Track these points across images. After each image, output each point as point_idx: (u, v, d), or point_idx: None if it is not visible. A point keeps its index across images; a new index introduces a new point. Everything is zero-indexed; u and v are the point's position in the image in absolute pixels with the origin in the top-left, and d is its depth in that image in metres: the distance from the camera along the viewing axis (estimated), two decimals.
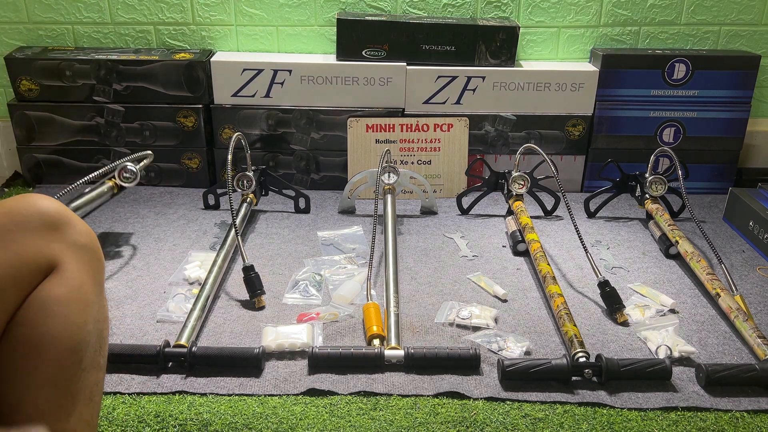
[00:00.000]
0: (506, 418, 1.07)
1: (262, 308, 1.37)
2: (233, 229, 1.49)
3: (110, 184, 1.59)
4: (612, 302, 1.35)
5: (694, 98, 1.95)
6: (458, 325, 1.31)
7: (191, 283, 1.45)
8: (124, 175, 1.57)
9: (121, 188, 1.61)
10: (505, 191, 1.79)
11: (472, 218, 1.83)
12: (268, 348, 1.20)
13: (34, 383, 0.70)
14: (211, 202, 1.85)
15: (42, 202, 0.75)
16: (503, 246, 1.67)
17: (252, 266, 1.38)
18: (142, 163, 1.61)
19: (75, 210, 1.46)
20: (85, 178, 1.51)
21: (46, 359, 0.71)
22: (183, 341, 1.18)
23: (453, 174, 1.96)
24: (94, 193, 1.54)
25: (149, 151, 1.64)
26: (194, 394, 1.11)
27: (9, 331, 0.70)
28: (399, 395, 1.12)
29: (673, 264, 1.58)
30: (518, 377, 1.15)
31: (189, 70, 1.87)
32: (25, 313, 0.70)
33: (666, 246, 1.61)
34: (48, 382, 0.71)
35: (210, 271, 1.40)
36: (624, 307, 1.35)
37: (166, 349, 1.16)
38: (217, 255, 1.46)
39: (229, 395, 1.11)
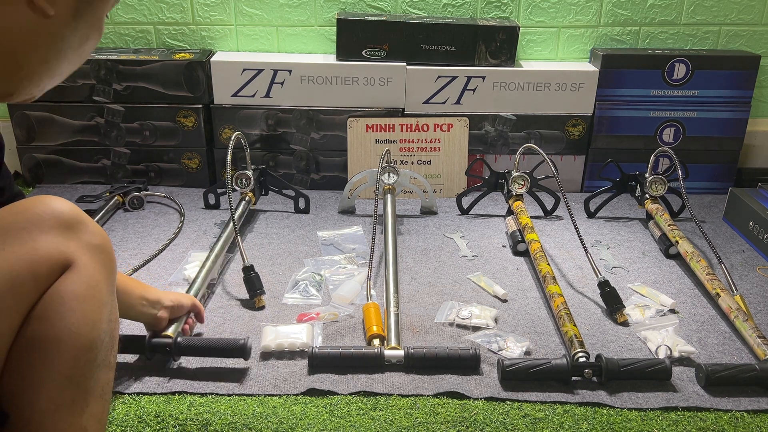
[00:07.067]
0: (506, 418, 1.07)
1: (262, 308, 1.37)
2: (232, 229, 1.48)
3: (118, 200, 1.80)
4: (612, 302, 1.35)
5: (694, 98, 1.95)
6: (458, 325, 1.31)
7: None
8: (134, 202, 1.81)
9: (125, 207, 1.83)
10: (505, 191, 1.79)
11: (472, 218, 1.83)
12: (267, 348, 1.20)
13: (50, 377, 0.71)
14: (212, 201, 1.85)
15: (56, 203, 0.75)
16: (503, 246, 1.66)
17: (252, 266, 1.38)
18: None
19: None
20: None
21: (63, 354, 0.71)
22: (170, 332, 1.17)
23: (453, 174, 1.96)
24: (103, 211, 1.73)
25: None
26: (194, 394, 1.11)
27: (27, 324, 0.71)
28: (399, 395, 1.12)
29: (673, 264, 1.58)
30: (518, 377, 1.14)
31: (189, 70, 1.87)
32: (44, 308, 0.71)
33: (666, 246, 1.61)
34: (64, 376, 0.72)
35: (200, 271, 1.39)
36: (624, 307, 1.35)
37: (153, 339, 1.14)
38: (210, 253, 1.45)
39: (229, 395, 1.11)
